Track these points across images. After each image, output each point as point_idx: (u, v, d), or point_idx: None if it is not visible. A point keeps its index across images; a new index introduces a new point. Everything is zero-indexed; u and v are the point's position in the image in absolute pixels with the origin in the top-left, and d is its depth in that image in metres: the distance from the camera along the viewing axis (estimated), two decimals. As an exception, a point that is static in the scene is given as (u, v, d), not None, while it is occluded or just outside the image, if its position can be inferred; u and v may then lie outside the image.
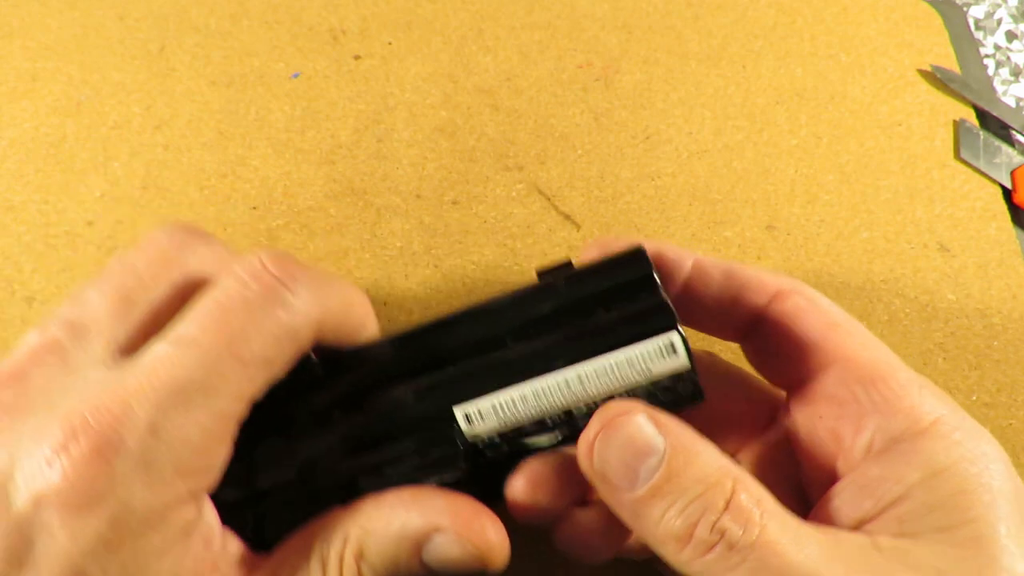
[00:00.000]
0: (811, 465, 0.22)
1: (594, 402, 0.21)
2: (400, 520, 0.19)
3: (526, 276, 0.34)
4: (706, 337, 0.26)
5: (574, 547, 0.22)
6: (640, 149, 0.38)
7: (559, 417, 0.21)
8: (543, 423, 0.21)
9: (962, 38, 0.43)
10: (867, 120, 0.40)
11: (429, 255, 0.35)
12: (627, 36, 0.43)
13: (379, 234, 0.36)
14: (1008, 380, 0.32)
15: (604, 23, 0.43)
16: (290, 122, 0.39)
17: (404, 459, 0.21)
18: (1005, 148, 0.38)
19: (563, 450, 0.21)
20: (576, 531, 0.22)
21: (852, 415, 0.21)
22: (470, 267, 0.35)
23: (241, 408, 0.19)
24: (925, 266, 0.35)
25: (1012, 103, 0.43)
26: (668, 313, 0.20)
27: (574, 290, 0.22)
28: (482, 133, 0.39)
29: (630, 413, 0.19)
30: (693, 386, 0.20)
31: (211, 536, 0.19)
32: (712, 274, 0.24)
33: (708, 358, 0.26)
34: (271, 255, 0.20)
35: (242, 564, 0.19)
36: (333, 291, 0.21)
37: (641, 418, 0.19)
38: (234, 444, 0.19)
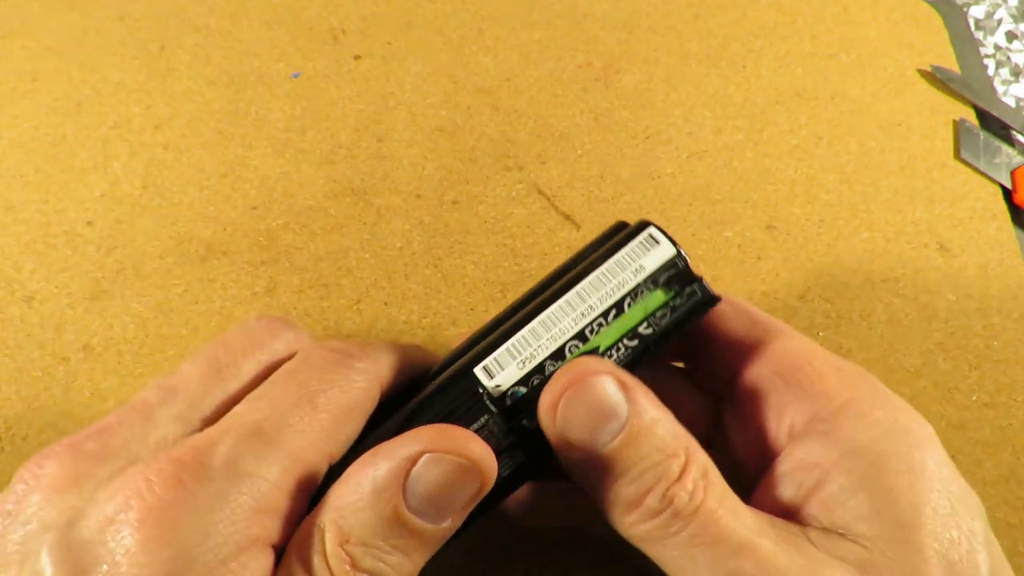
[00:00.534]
0: (747, 461, 0.22)
1: (604, 319, 0.20)
2: (368, 477, 0.18)
3: (526, 276, 0.34)
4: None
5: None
6: (640, 149, 0.38)
7: (576, 346, 0.20)
8: (561, 355, 0.20)
9: (962, 38, 0.43)
10: (867, 120, 0.40)
11: (429, 255, 0.35)
12: (627, 36, 0.43)
13: (379, 234, 0.36)
14: (1008, 380, 0.32)
15: (604, 23, 0.43)
16: (290, 122, 0.39)
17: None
18: (1005, 148, 0.38)
19: None
20: None
21: (774, 406, 0.21)
22: (470, 267, 0.35)
23: (317, 457, 0.19)
24: (925, 266, 0.35)
25: (1012, 103, 0.43)
26: (643, 223, 0.21)
27: (566, 263, 0.23)
28: (482, 133, 0.39)
29: (598, 374, 0.19)
30: (689, 274, 0.21)
31: None
32: None
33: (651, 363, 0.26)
34: (340, 340, 0.22)
35: None
36: (395, 353, 0.22)
37: (607, 380, 0.19)
38: (311, 501, 0.19)
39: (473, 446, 0.18)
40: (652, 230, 0.21)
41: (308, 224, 0.36)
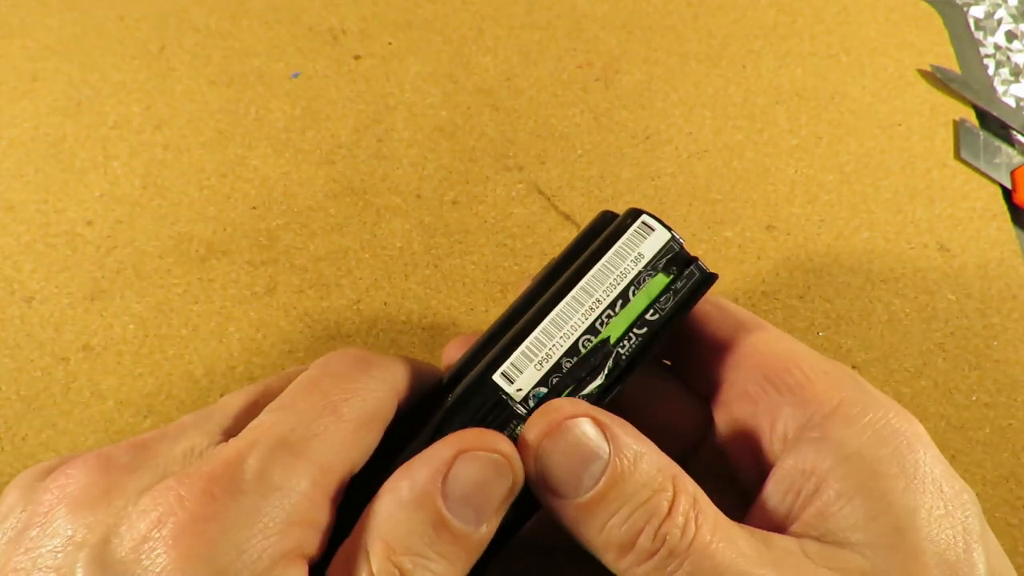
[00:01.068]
0: (742, 467, 0.22)
1: (612, 310, 0.21)
2: (406, 486, 0.18)
3: (526, 276, 0.34)
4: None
5: None
6: (640, 149, 0.38)
7: (588, 342, 0.21)
8: (575, 351, 0.20)
9: (962, 38, 0.43)
10: (867, 120, 0.40)
11: (429, 255, 0.35)
12: (627, 36, 0.43)
13: (379, 234, 0.36)
14: (1008, 380, 0.32)
15: (604, 23, 0.43)
16: (290, 122, 0.39)
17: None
18: (1005, 148, 0.38)
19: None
20: None
21: (765, 410, 0.21)
22: (470, 267, 0.35)
23: (343, 467, 0.19)
24: (925, 266, 0.35)
25: (1012, 103, 0.43)
26: (634, 211, 0.22)
27: (559, 257, 0.23)
28: (482, 133, 0.39)
29: (573, 416, 0.19)
30: (686, 255, 0.21)
31: None
32: None
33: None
34: (355, 349, 0.22)
35: None
36: (407, 365, 0.22)
37: (583, 421, 0.19)
38: (337, 512, 0.19)
39: (503, 443, 0.19)
40: (645, 218, 0.22)
41: (308, 224, 0.36)
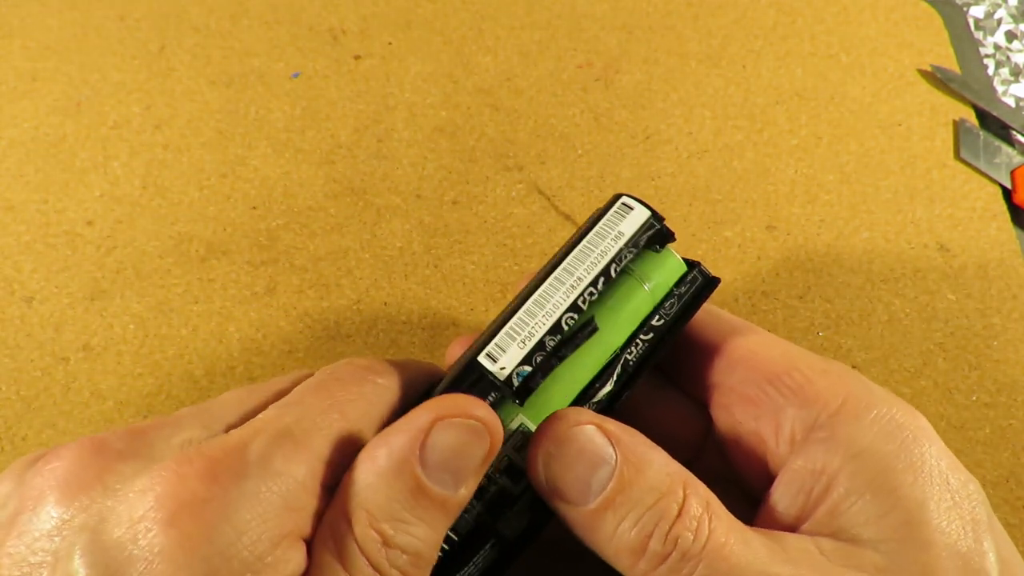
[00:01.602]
0: (746, 470, 0.22)
1: (594, 287, 0.21)
2: (383, 453, 0.18)
3: (526, 276, 0.34)
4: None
5: None
6: (640, 149, 0.38)
7: (571, 319, 0.21)
8: (559, 328, 0.21)
9: (962, 38, 0.43)
10: (867, 120, 0.40)
11: (429, 255, 0.35)
12: (627, 36, 0.43)
13: (379, 234, 0.36)
14: (1008, 380, 0.32)
15: (604, 23, 0.43)
16: (290, 122, 0.39)
17: None
18: (1005, 148, 0.38)
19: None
20: None
21: (767, 413, 0.21)
22: (470, 267, 0.35)
23: (343, 462, 0.19)
24: (925, 266, 0.35)
25: (1012, 103, 0.43)
26: (616, 195, 0.22)
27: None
28: (482, 133, 0.39)
29: (579, 424, 0.19)
30: (667, 231, 0.22)
31: None
32: None
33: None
34: (363, 358, 0.22)
35: None
36: (412, 370, 0.22)
37: (590, 429, 0.19)
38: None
39: (480, 409, 0.19)
40: (625, 198, 0.22)
41: (308, 224, 0.36)
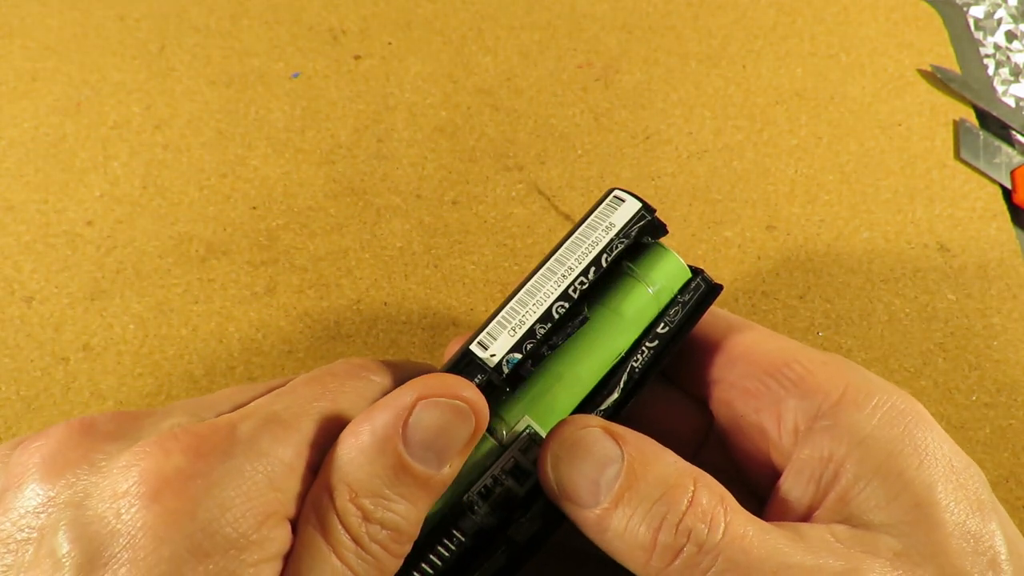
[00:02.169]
0: (749, 464, 0.22)
1: (584, 277, 0.21)
2: (366, 430, 0.18)
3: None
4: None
5: None
6: (640, 149, 0.38)
7: (561, 308, 0.21)
8: (549, 316, 0.21)
9: (962, 38, 0.43)
10: (867, 120, 0.40)
11: (429, 255, 0.35)
12: (627, 36, 0.43)
13: (379, 234, 0.36)
14: (1008, 380, 0.32)
15: (604, 23, 0.43)
16: (290, 122, 0.39)
17: None
18: (1005, 148, 0.38)
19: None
20: None
21: (768, 405, 0.21)
22: (470, 267, 0.35)
23: (330, 447, 0.19)
24: (925, 266, 0.35)
25: (1012, 103, 0.43)
26: (609, 189, 0.22)
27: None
28: (482, 133, 0.39)
29: (586, 427, 0.19)
30: (658, 223, 0.22)
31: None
32: None
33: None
34: (359, 358, 0.22)
35: None
36: (407, 370, 0.22)
37: (596, 431, 0.19)
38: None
39: (466, 390, 0.19)
40: (616, 191, 0.22)
41: (308, 224, 0.36)
